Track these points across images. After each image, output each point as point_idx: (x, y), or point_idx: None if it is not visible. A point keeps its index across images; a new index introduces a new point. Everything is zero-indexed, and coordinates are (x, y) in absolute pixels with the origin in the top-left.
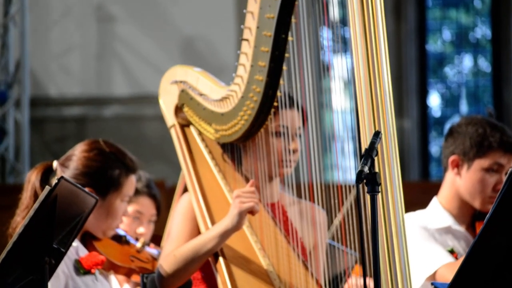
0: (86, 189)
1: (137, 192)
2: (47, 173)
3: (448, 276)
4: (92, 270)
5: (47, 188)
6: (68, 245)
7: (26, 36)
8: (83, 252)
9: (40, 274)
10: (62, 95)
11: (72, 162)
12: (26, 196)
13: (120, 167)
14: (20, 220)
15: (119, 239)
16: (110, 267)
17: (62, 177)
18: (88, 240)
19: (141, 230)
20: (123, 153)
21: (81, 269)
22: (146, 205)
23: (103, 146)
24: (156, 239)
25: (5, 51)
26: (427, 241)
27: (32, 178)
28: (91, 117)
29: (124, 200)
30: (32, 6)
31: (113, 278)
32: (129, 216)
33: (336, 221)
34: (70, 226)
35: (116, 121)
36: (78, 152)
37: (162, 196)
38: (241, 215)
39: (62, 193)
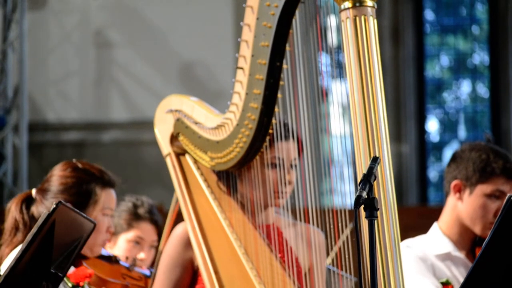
0: None
1: (139, 218)
2: (28, 202)
3: None
4: (81, 283)
5: (45, 213)
6: (66, 270)
7: (25, 61)
8: (71, 269)
9: None
10: (60, 120)
11: (50, 184)
12: (7, 227)
13: (95, 181)
14: (5, 250)
15: (109, 259)
16: (101, 283)
17: (60, 202)
18: (78, 260)
19: (141, 255)
20: (98, 169)
21: (69, 282)
22: (147, 231)
23: (77, 163)
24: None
25: (4, 77)
26: (420, 274)
27: (12, 208)
28: (89, 142)
29: (106, 214)
30: (31, 32)
31: None
32: (130, 241)
33: (336, 248)
34: (68, 250)
35: (114, 146)
36: (54, 173)
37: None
38: None
39: (60, 218)
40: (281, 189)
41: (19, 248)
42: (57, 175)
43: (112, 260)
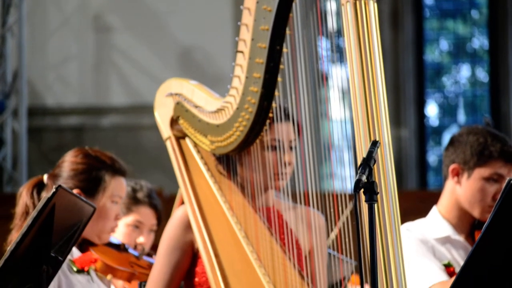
0: (74, 192)
1: (138, 202)
2: (39, 187)
3: None
4: (86, 268)
5: (45, 197)
6: (66, 254)
7: (24, 46)
8: (77, 255)
9: (38, 283)
10: (59, 104)
11: (61, 169)
12: (18, 211)
13: (106, 168)
14: (15, 234)
15: (118, 247)
16: (108, 270)
17: (59, 186)
18: (85, 247)
19: (141, 239)
20: (110, 157)
21: (74, 267)
22: (147, 215)
23: (88, 151)
24: (157, 248)
25: (3, 61)
26: (423, 256)
27: (23, 193)
28: (89, 127)
29: (115, 202)
30: (30, 17)
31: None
32: (130, 225)
33: (335, 231)
34: (68, 234)
35: (114, 130)
36: (65, 159)
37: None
38: None
39: (60, 202)
40: (281, 171)
41: None
42: (68, 161)
43: (120, 248)
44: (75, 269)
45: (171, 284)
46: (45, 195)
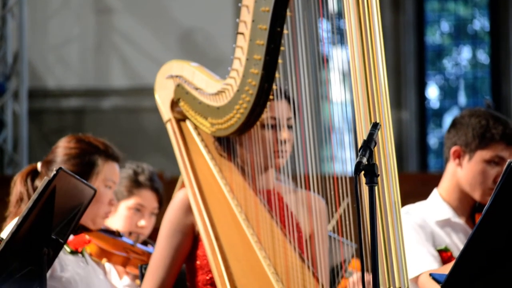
0: None
1: (139, 185)
2: (33, 175)
3: (428, 285)
4: (79, 249)
5: (46, 179)
6: (66, 236)
7: (24, 28)
8: (70, 238)
9: (39, 265)
10: (60, 86)
11: (55, 155)
12: (12, 199)
13: (98, 153)
14: (9, 221)
15: (112, 234)
16: (103, 254)
17: (60, 168)
18: (80, 232)
19: (142, 223)
20: (103, 142)
21: (67, 247)
22: (148, 198)
23: (81, 136)
24: (157, 232)
25: (3, 43)
26: (417, 243)
27: (17, 181)
28: (89, 109)
29: (108, 186)
30: None
31: (112, 270)
32: (131, 208)
33: (337, 215)
34: (68, 217)
35: (114, 113)
36: (59, 145)
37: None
38: None
39: (60, 184)
40: (279, 148)
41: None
42: (62, 147)
43: (115, 234)
44: (68, 250)
45: (172, 267)
46: (39, 182)
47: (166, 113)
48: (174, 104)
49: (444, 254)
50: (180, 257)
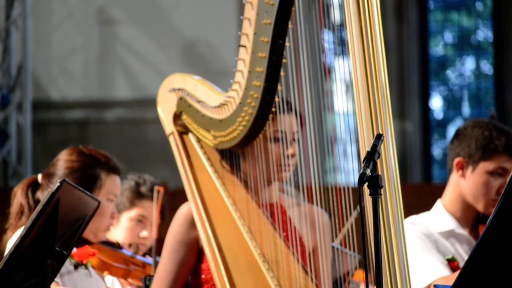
0: None
1: (141, 196)
2: (33, 186)
3: None
4: (84, 261)
5: (50, 191)
6: (70, 248)
7: (28, 39)
8: (73, 251)
9: (43, 277)
10: (64, 98)
11: (56, 168)
12: (13, 211)
13: (100, 166)
14: (9, 234)
15: (113, 245)
16: (104, 267)
17: (64, 180)
18: (81, 245)
19: (144, 234)
20: (104, 155)
21: (72, 260)
22: (150, 209)
23: (83, 149)
24: (161, 243)
25: (7, 55)
26: (425, 251)
27: (17, 193)
28: (93, 120)
29: (110, 200)
30: (34, 10)
31: (115, 282)
32: (133, 220)
33: (348, 225)
34: (72, 228)
35: (118, 124)
36: (60, 158)
37: (165, 200)
38: None
39: (64, 196)
40: (284, 162)
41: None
42: (63, 160)
43: (115, 246)
44: (73, 262)
45: (177, 281)
46: (40, 194)
47: (168, 126)
48: (176, 117)
49: (451, 264)
50: (185, 271)
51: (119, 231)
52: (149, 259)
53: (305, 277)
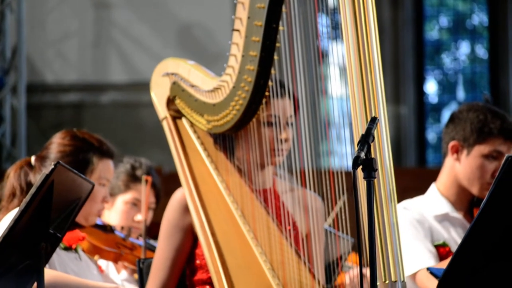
0: None
1: (137, 179)
2: (26, 169)
3: (425, 282)
4: (73, 246)
5: (44, 173)
6: (64, 231)
7: (23, 22)
8: None
9: (37, 259)
10: (58, 81)
11: (48, 151)
12: (5, 193)
13: (93, 150)
14: (1, 216)
15: (104, 229)
16: (95, 251)
17: (58, 162)
18: (72, 229)
19: (138, 217)
20: (97, 139)
21: (61, 244)
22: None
23: (76, 132)
24: (155, 226)
25: (2, 38)
26: (415, 239)
27: (10, 175)
28: (88, 104)
29: (102, 184)
30: None
31: (110, 265)
32: (128, 203)
33: (337, 208)
34: (66, 211)
35: (113, 107)
36: (53, 141)
37: (159, 183)
38: None
39: (58, 179)
40: (277, 147)
41: (14, 211)
42: (56, 143)
43: (107, 229)
44: (62, 246)
45: (174, 267)
46: (32, 177)
47: (162, 111)
48: (170, 101)
49: (442, 249)
50: (181, 256)
51: (114, 214)
52: (140, 241)
53: (298, 261)
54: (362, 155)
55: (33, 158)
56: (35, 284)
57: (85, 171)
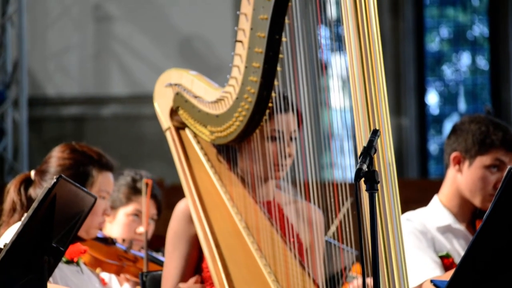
0: None
1: (138, 192)
2: (26, 183)
3: None
4: (75, 259)
5: (46, 187)
6: (67, 244)
7: (24, 36)
8: None
9: (40, 273)
10: (60, 94)
11: (48, 165)
12: (5, 208)
13: (93, 163)
14: (1, 231)
15: (105, 241)
16: (97, 263)
17: (60, 175)
18: (73, 242)
19: (141, 229)
20: (97, 152)
21: (63, 258)
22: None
23: (75, 146)
24: (157, 239)
25: (3, 51)
26: (419, 250)
27: (10, 190)
28: (89, 117)
29: (102, 197)
30: (30, 6)
31: (113, 277)
32: (129, 215)
33: (337, 221)
34: (69, 225)
35: (115, 120)
36: (53, 155)
37: (161, 195)
38: None
39: (60, 192)
40: (281, 162)
41: (16, 226)
42: (55, 157)
43: (108, 242)
44: (64, 260)
45: (184, 277)
46: (33, 191)
47: (165, 121)
48: (173, 112)
49: (445, 261)
50: (190, 266)
51: (116, 226)
52: (142, 253)
53: (302, 272)
54: (364, 167)
55: (32, 173)
56: None
57: (85, 184)
